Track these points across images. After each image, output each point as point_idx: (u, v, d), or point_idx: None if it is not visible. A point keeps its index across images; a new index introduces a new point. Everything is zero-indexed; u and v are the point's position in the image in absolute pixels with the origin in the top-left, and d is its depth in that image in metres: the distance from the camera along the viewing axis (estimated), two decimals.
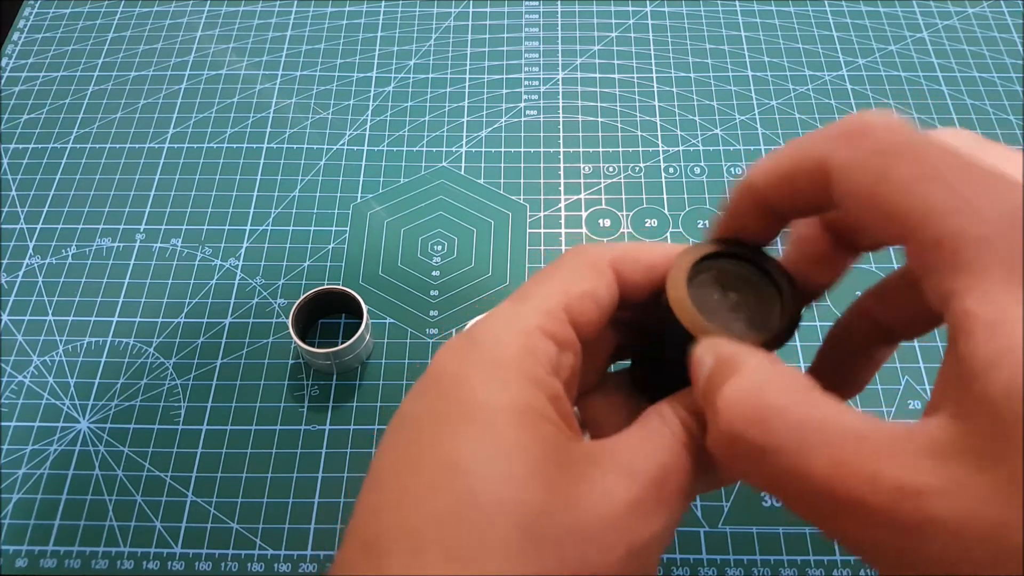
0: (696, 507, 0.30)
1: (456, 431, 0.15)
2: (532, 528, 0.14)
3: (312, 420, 0.32)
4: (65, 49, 0.45)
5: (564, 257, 0.19)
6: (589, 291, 0.18)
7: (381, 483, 0.16)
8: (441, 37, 0.45)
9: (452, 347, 0.17)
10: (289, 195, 0.39)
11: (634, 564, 0.15)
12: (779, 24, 0.46)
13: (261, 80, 0.44)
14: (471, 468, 0.15)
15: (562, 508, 0.14)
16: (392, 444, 0.16)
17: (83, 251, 0.37)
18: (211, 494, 0.31)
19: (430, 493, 0.15)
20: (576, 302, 0.17)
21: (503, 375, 0.16)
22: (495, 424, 0.15)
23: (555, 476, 0.15)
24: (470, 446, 0.15)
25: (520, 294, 0.18)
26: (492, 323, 0.17)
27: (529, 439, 0.15)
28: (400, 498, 0.15)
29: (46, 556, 0.30)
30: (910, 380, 0.33)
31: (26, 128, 0.42)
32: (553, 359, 0.17)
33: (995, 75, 0.43)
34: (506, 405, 0.16)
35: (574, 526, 0.14)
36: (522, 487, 0.14)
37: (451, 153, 0.40)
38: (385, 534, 0.15)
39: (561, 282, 0.18)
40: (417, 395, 0.17)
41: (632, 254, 0.18)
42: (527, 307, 0.17)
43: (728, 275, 0.17)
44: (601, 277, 0.18)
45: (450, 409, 0.16)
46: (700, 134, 0.41)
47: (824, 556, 0.29)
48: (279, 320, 0.35)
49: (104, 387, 0.33)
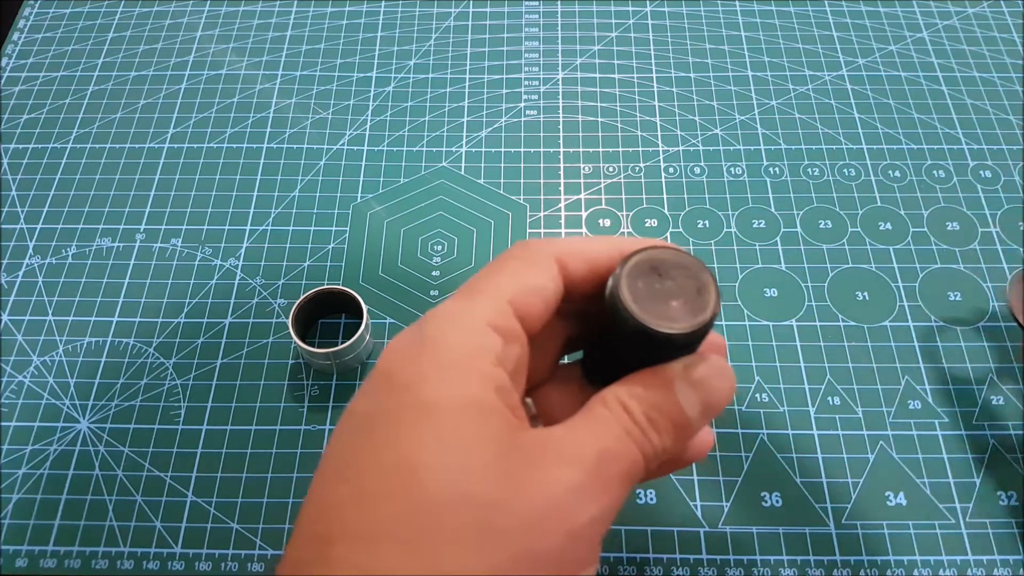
0: (696, 507, 0.30)
1: (407, 429, 0.16)
2: (484, 520, 0.15)
3: (312, 420, 0.32)
4: (65, 49, 0.45)
5: (509, 252, 0.19)
6: (534, 285, 0.18)
7: (335, 481, 0.16)
8: (441, 37, 0.45)
9: (400, 345, 0.18)
10: (289, 195, 0.39)
11: (576, 547, 0.15)
12: (779, 24, 0.46)
13: (261, 80, 0.44)
14: (423, 465, 0.15)
15: (510, 498, 0.15)
16: (343, 442, 0.17)
17: (83, 251, 0.37)
18: (211, 494, 0.31)
19: (384, 491, 0.15)
20: (521, 296, 0.18)
21: (451, 371, 0.16)
22: (445, 420, 0.16)
23: (503, 467, 0.15)
24: (422, 443, 0.15)
25: (467, 289, 0.19)
26: (439, 319, 0.18)
27: (478, 433, 0.16)
28: (354, 496, 0.15)
29: (46, 556, 0.30)
30: (910, 380, 0.33)
31: (26, 128, 0.42)
32: (499, 352, 0.17)
33: (995, 75, 0.43)
34: (455, 401, 0.16)
35: (521, 514, 0.15)
36: (473, 480, 0.15)
37: (451, 153, 0.40)
38: (336, 531, 0.15)
39: (506, 276, 0.18)
40: (368, 393, 0.17)
41: (575, 247, 0.19)
42: (475, 302, 0.18)
43: (667, 263, 0.18)
44: (545, 271, 0.18)
45: (401, 407, 0.16)
46: (700, 134, 0.41)
47: (824, 556, 0.29)
48: (279, 320, 0.35)
49: (104, 387, 0.33)
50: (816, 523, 0.30)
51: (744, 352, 0.34)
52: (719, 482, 0.31)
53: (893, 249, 0.37)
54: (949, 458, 0.31)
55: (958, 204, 0.38)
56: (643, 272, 0.17)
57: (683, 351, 0.18)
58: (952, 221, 0.38)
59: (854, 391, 0.33)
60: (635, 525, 0.30)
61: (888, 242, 0.37)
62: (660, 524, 0.30)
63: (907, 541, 0.30)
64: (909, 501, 0.30)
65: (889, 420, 0.32)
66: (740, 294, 0.36)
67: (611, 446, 0.16)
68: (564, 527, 0.15)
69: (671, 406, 0.18)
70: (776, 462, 0.31)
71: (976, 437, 0.32)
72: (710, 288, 0.17)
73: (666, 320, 0.17)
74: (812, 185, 0.39)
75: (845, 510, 0.30)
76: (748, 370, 0.33)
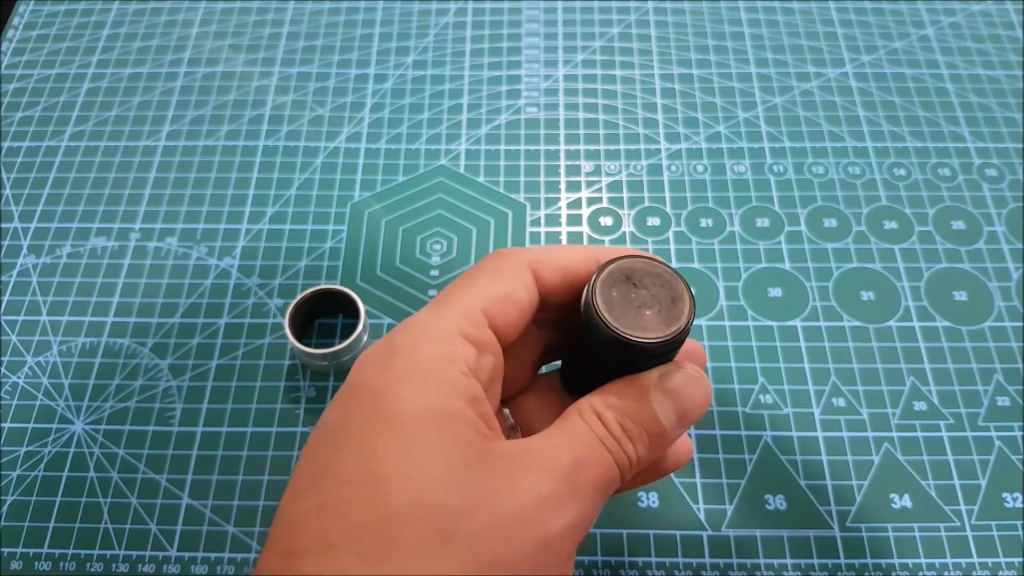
0: (699, 510, 0.30)
1: (373, 439, 0.16)
2: (447, 529, 0.15)
3: (309, 422, 0.32)
4: (60, 46, 0.45)
5: (483, 262, 0.19)
6: (507, 294, 0.18)
7: (300, 493, 0.16)
8: (440, 34, 0.45)
9: (371, 356, 0.17)
10: (286, 194, 0.38)
11: (546, 557, 0.15)
12: (783, 21, 0.45)
13: (257, 77, 0.43)
14: (387, 475, 0.15)
15: (476, 507, 0.15)
16: (311, 454, 0.17)
17: (78, 250, 0.37)
18: (207, 496, 0.30)
19: (348, 501, 0.15)
20: (494, 305, 0.18)
21: (420, 381, 0.16)
22: (411, 430, 0.16)
23: (470, 476, 0.15)
24: (387, 453, 0.15)
25: (440, 299, 0.18)
26: (410, 330, 0.18)
27: (445, 442, 0.16)
28: (318, 507, 0.15)
29: (41, 559, 0.29)
30: (915, 381, 0.33)
31: (20, 126, 0.41)
32: (472, 362, 0.17)
33: (1000, 72, 0.43)
34: (422, 411, 0.16)
35: (488, 523, 0.15)
36: (436, 489, 0.15)
37: (450, 151, 0.40)
38: (303, 542, 0.15)
39: (480, 286, 0.18)
40: (337, 405, 0.17)
41: (549, 256, 0.19)
42: (445, 312, 0.18)
43: (640, 273, 0.18)
44: (519, 280, 0.18)
45: (367, 418, 0.16)
46: (703, 132, 0.41)
47: (828, 559, 0.29)
48: (275, 320, 0.34)
49: (99, 388, 0.33)
50: (820, 526, 0.30)
51: (748, 353, 0.33)
52: (722, 485, 0.30)
53: (898, 248, 0.36)
54: (954, 460, 0.31)
55: (963, 203, 0.38)
56: (617, 281, 0.18)
57: (659, 360, 0.18)
58: (957, 220, 0.37)
59: (859, 392, 0.33)
60: (637, 529, 0.30)
61: (893, 241, 0.37)
62: (662, 528, 0.30)
63: (912, 544, 0.29)
64: (914, 503, 0.30)
65: (894, 421, 0.32)
66: (743, 294, 0.35)
67: (585, 455, 0.16)
68: (534, 535, 0.15)
69: (646, 415, 0.17)
70: (780, 464, 0.31)
71: (982, 439, 0.31)
72: (684, 297, 0.17)
73: (639, 329, 0.17)
74: (816, 183, 0.39)
75: (850, 513, 0.30)
76: (752, 371, 0.33)
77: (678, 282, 0.18)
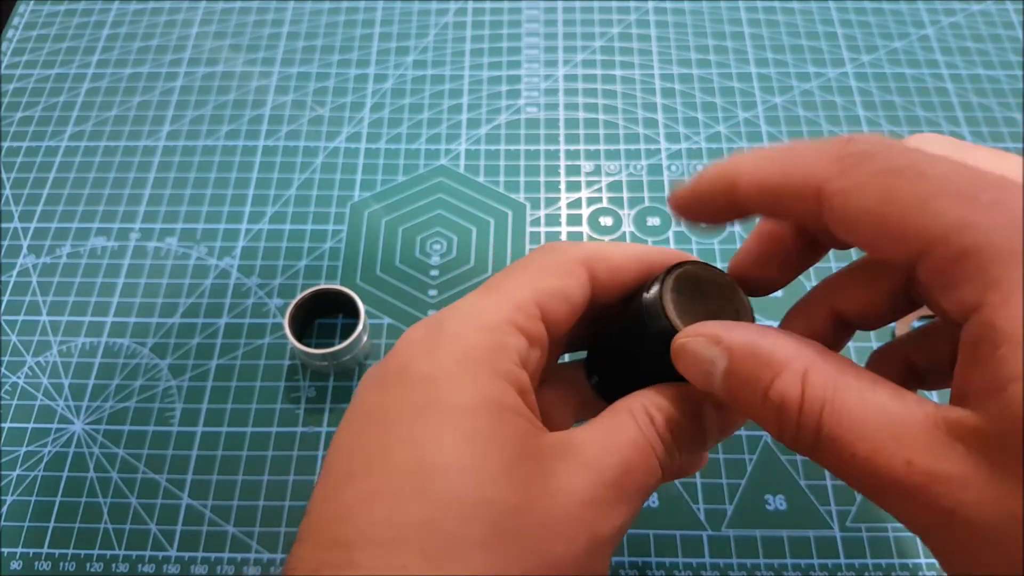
0: (699, 510, 0.30)
1: (428, 430, 0.15)
2: (504, 526, 0.14)
3: (309, 422, 0.32)
4: (60, 46, 0.45)
5: (535, 254, 0.19)
6: (561, 289, 0.18)
7: (346, 480, 0.16)
8: (440, 33, 0.45)
9: (418, 339, 0.17)
10: (286, 193, 0.38)
11: (593, 558, 0.15)
12: (783, 21, 0.45)
13: (257, 77, 0.43)
14: (445, 467, 0.15)
15: (531, 504, 0.15)
16: (358, 440, 0.16)
17: (78, 250, 0.37)
18: (207, 496, 0.30)
19: (404, 493, 0.15)
20: (548, 299, 0.17)
21: (473, 370, 0.16)
22: (469, 422, 0.15)
23: (525, 471, 0.15)
24: (444, 445, 0.15)
25: (491, 286, 0.18)
26: (462, 315, 0.17)
27: (501, 435, 0.15)
28: (373, 497, 0.15)
29: (40, 559, 0.29)
30: None
31: (20, 126, 0.41)
32: (523, 353, 0.17)
33: (1000, 72, 0.43)
34: (477, 402, 0.15)
35: (543, 522, 0.15)
36: (495, 486, 0.15)
37: (450, 151, 0.40)
38: (358, 534, 0.15)
39: (533, 278, 0.18)
40: (380, 388, 0.17)
41: (602, 253, 0.18)
42: (497, 300, 0.17)
43: (707, 282, 0.18)
44: (573, 277, 0.18)
45: (419, 406, 0.16)
46: (703, 132, 0.41)
47: (828, 559, 0.29)
48: (275, 320, 0.34)
49: (99, 388, 0.33)
50: (820, 526, 0.30)
51: None
52: (722, 485, 0.30)
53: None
54: None
55: None
56: (684, 288, 0.17)
57: None
58: None
59: None
60: (637, 528, 0.30)
61: None
62: (662, 528, 0.30)
63: (912, 543, 0.29)
64: None
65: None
66: None
67: (634, 459, 0.16)
68: (585, 536, 0.15)
69: (696, 426, 0.17)
70: (780, 464, 0.31)
71: None
72: (748, 313, 0.17)
73: None
74: None
75: (850, 512, 0.30)
76: None
77: (740, 296, 0.18)
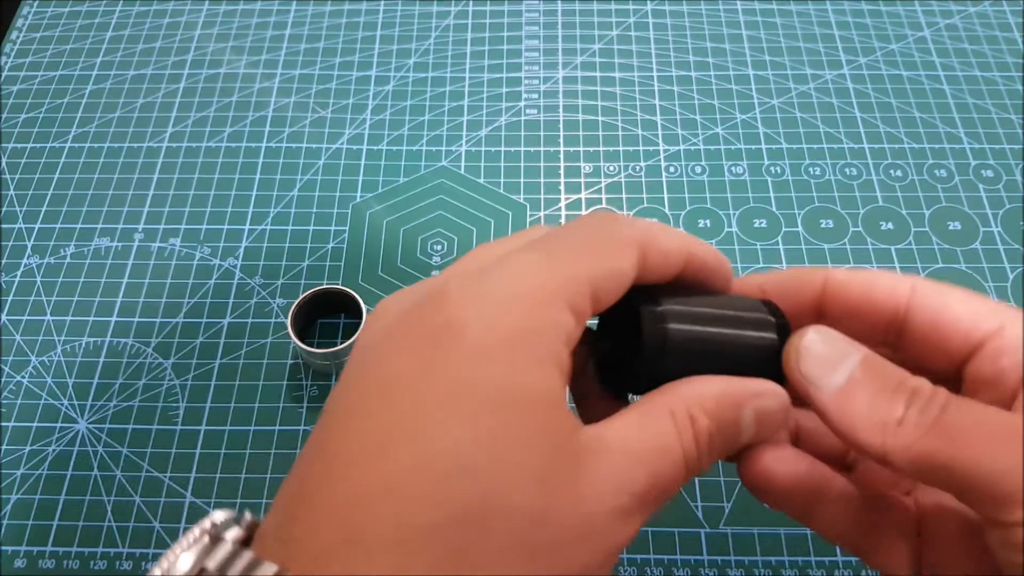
0: (697, 508, 0.30)
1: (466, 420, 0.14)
2: (527, 537, 0.14)
3: (311, 421, 0.32)
4: (63, 48, 0.45)
5: (593, 222, 0.17)
6: (617, 270, 0.16)
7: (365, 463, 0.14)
8: (441, 36, 0.45)
9: (471, 295, 0.15)
10: (288, 194, 0.39)
11: (609, 565, 0.15)
12: (780, 22, 0.46)
13: (260, 79, 0.43)
14: (475, 467, 0.14)
15: (557, 513, 0.14)
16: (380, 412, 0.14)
17: (81, 251, 0.37)
18: (210, 495, 0.30)
19: (425, 491, 0.13)
20: (603, 280, 0.16)
21: (527, 352, 0.15)
22: (516, 414, 0.14)
23: (557, 477, 0.14)
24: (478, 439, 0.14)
25: (546, 250, 0.16)
26: (515, 278, 0.15)
27: (540, 435, 0.14)
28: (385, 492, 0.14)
29: (44, 557, 0.29)
30: None
31: (24, 127, 0.42)
32: (571, 333, 0.15)
33: (997, 74, 0.43)
34: (530, 391, 0.14)
35: (567, 532, 0.14)
36: (524, 494, 0.14)
37: (451, 152, 0.40)
38: (376, 532, 0.13)
39: (591, 252, 0.16)
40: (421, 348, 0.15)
41: (655, 237, 0.17)
42: (552, 270, 0.16)
43: None
44: (627, 259, 0.16)
45: (465, 385, 0.14)
46: (701, 133, 0.41)
47: (825, 557, 0.29)
48: (278, 320, 0.35)
49: (102, 387, 0.33)
50: None
51: None
52: (720, 482, 0.31)
53: (895, 249, 0.37)
54: None
55: (960, 203, 0.38)
56: None
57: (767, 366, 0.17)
58: (954, 221, 0.38)
59: None
60: None
61: (890, 242, 0.37)
62: (660, 525, 0.30)
63: None
64: None
65: None
66: None
67: (666, 470, 0.15)
68: (606, 546, 0.14)
69: (732, 429, 0.16)
70: None
71: None
72: None
73: None
74: (814, 184, 0.39)
75: None
76: None
77: None
